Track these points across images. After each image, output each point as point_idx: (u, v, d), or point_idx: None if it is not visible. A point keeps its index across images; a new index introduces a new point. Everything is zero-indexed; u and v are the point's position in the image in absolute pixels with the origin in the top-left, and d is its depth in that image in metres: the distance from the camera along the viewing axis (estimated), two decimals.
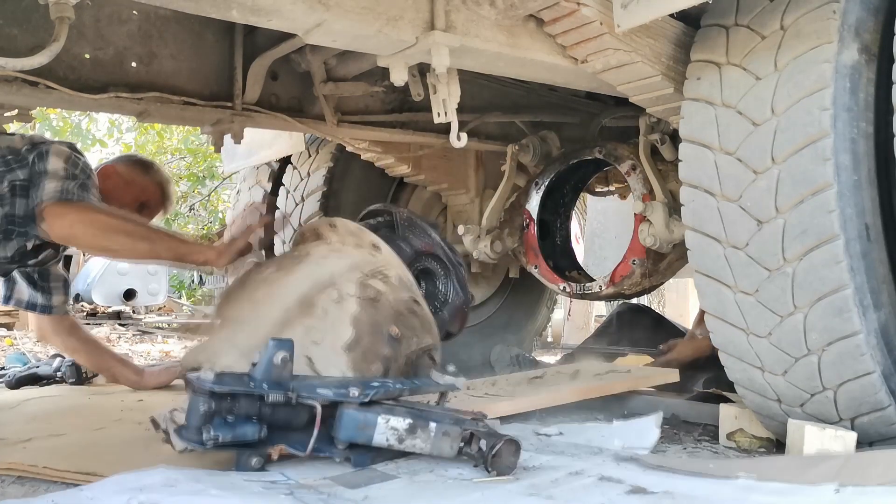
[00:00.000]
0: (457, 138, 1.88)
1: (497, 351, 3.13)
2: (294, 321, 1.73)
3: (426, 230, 2.21)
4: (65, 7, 1.50)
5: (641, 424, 1.96)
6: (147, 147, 10.64)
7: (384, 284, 1.85)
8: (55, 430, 1.87)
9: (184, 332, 6.45)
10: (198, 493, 1.30)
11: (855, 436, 1.63)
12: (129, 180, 2.56)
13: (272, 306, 1.77)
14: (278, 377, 1.52)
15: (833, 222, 1.54)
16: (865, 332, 1.57)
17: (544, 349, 5.13)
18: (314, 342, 1.72)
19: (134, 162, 2.70)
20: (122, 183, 2.53)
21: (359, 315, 1.76)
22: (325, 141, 3.45)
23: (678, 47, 1.91)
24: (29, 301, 2.50)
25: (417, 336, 1.85)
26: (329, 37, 1.71)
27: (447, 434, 1.54)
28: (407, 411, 1.57)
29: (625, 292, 2.82)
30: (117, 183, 2.50)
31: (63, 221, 2.07)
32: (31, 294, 2.50)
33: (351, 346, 1.73)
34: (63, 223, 2.07)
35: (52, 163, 2.15)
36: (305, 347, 1.70)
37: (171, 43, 2.37)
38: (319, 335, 1.72)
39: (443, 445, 1.55)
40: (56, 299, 2.53)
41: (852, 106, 1.59)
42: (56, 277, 2.53)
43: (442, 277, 2.21)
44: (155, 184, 2.65)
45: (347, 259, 1.89)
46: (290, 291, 1.80)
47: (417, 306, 1.89)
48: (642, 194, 2.61)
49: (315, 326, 1.73)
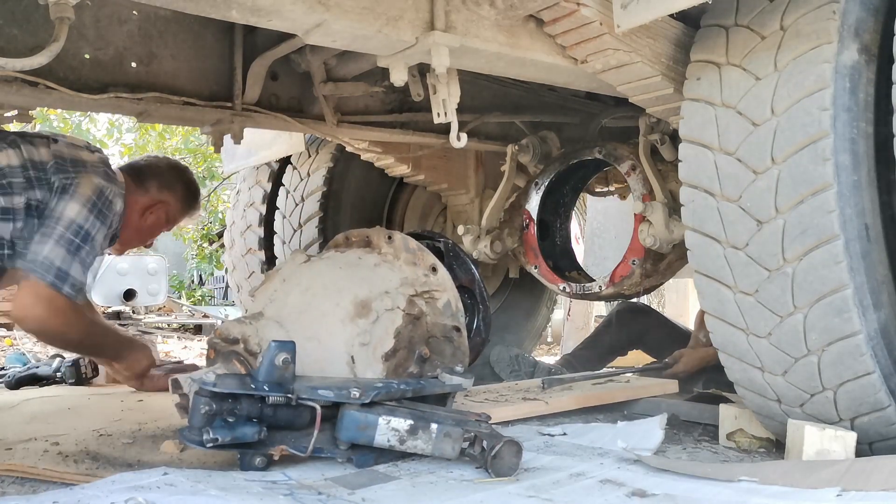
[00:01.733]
0: (457, 138, 1.88)
1: (497, 352, 3.12)
2: (348, 319, 1.80)
3: (469, 266, 2.28)
4: (65, 7, 1.50)
5: (646, 426, 1.96)
6: (147, 148, 10.65)
7: (428, 306, 1.92)
8: (55, 430, 1.87)
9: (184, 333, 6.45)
10: (197, 494, 1.30)
11: (855, 436, 1.63)
12: (152, 193, 2.44)
13: (327, 300, 1.83)
14: (280, 378, 1.52)
15: (833, 222, 1.54)
16: (865, 332, 1.57)
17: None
18: (363, 343, 1.79)
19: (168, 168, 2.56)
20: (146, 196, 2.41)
21: (401, 329, 1.83)
22: (324, 141, 3.45)
23: (678, 47, 1.91)
24: None
25: (446, 362, 1.90)
26: (329, 37, 1.71)
27: (449, 435, 1.55)
28: (409, 412, 1.57)
29: (625, 292, 2.82)
30: (145, 200, 2.40)
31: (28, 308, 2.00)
32: None
33: (388, 355, 1.80)
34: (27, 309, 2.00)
35: (70, 209, 2.05)
36: (352, 347, 1.78)
37: (171, 43, 2.36)
38: (368, 338, 1.79)
39: (444, 446, 1.55)
40: None
41: (852, 106, 1.59)
42: None
43: (471, 313, 2.27)
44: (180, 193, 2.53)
45: (399, 273, 1.95)
46: (347, 290, 1.84)
47: (457, 334, 1.94)
48: (642, 194, 2.61)
49: (367, 329, 1.80)
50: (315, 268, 1.95)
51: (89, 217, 2.08)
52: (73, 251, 2.04)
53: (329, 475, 1.54)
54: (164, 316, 7.90)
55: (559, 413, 2.27)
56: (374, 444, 1.55)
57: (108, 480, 1.37)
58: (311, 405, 1.53)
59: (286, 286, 1.90)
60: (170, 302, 8.48)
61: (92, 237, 2.08)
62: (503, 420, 2.12)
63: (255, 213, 3.79)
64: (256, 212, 3.79)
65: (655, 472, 1.56)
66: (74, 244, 2.04)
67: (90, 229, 2.08)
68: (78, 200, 2.07)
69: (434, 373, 1.85)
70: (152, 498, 1.25)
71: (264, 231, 3.76)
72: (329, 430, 1.57)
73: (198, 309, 8.76)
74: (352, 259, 1.99)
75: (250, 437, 1.49)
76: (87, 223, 2.08)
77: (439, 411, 1.65)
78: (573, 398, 2.33)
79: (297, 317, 1.80)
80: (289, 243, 3.62)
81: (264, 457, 1.55)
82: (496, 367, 3.09)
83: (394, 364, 1.81)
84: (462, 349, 1.94)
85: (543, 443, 1.89)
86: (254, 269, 3.79)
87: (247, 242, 3.83)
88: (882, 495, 1.30)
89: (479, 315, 2.27)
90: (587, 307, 6.25)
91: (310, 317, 1.80)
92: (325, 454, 1.58)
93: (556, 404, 2.26)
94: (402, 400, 1.65)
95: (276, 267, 2.63)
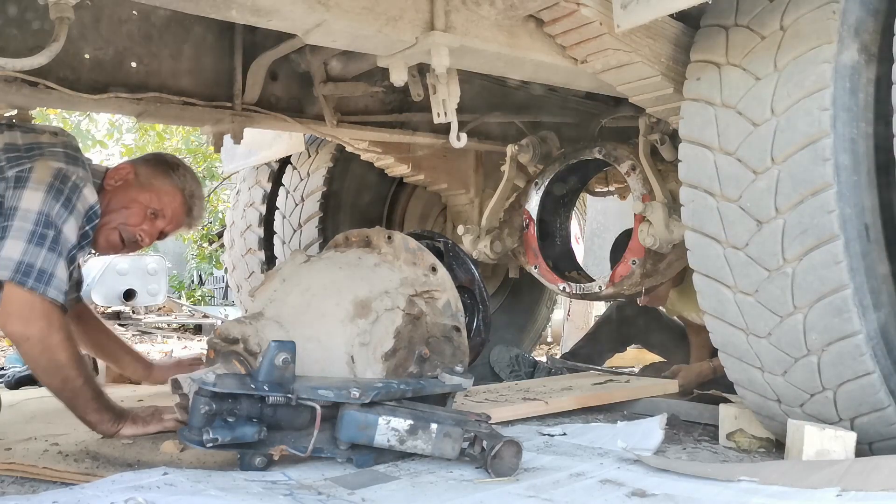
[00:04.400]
0: (457, 138, 1.88)
1: (497, 352, 3.13)
2: (348, 319, 1.79)
3: (469, 266, 2.26)
4: (65, 7, 1.51)
5: (646, 426, 1.96)
6: (147, 148, 10.64)
7: (428, 306, 1.91)
8: (55, 430, 1.86)
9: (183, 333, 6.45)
10: (197, 493, 1.30)
11: (855, 436, 1.63)
12: (144, 184, 2.07)
13: (327, 300, 1.82)
14: (280, 378, 1.52)
15: (833, 222, 1.54)
16: (865, 332, 1.57)
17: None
18: (362, 343, 1.78)
19: (158, 162, 2.17)
20: (133, 186, 2.05)
21: (401, 329, 1.83)
22: (324, 141, 3.45)
23: (678, 47, 1.90)
24: None
25: (446, 362, 1.89)
26: (329, 37, 1.71)
27: (448, 435, 1.55)
28: (409, 412, 1.57)
29: (624, 292, 2.82)
30: (126, 186, 2.04)
31: (22, 323, 1.68)
32: None
33: (388, 355, 1.80)
34: (20, 325, 1.68)
35: (26, 198, 1.73)
36: (352, 347, 1.77)
37: (171, 43, 2.36)
38: (368, 338, 1.79)
39: (444, 446, 1.55)
40: (72, 293, 2.18)
41: (852, 106, 1.59)
42: None
43: (471, 314, 2.25)
44: (175, 190, 2.11)
45: (399, 273, 1.94)
46: (347, 290, 1.84)
47: (456, 334, 1.93)
48: (642, 194, 2.61)
49: (367, 329, 1.79)
50: (315, 268, 1.95)
51: (51, 203, 1.74)
52: (38, 242, 1.71)
53: (329, 475, 1.53)
54: (163, 316, 7.89)
55: (559, 413, 2.27)
56: (374, 443, 1.55)
57: (108, 480, 1.37)
58: (311, 405, 1.53)
59: (286, 286, 1.90)
60: (170, 302, 8.47)
61: (57, 227, 1.74)
62: (503, 420, 2.12)
63: (255, 213, 3.80)
64: (256, 212, 3.79)
65: (655, 472, 1.56)
66: (37, 234, 1.71)
67: (55, 218, 1.74)
68: (34, 188, 1.75)
69: (434, 373, 1.85)
70: (152, 498, 1.25)
71: (264, 231, 3.77)
72: (329, 430, 1.57)
73: (198, 309, 8.75)
74: (352, 259, 1.99)
75: (250, 438, 1.49)
76: (50, 209, 1.74)
77: (439, 411, 1.65)
78: (573, 398, 2.34)
79: (296, 317, 1.80)
80: (289, 243, 3.62)
81: (264, 457, 1.55)
82: (496, 367, 3.10)
83: (393, 364, 1.81)
84: (462, 349, 1.93)
85: (543, 443, 1.89)
86: (254, 269, 3.80)
87: (247, 242, 3.83)
88: (882, 495, 1.30)
89: (479, 315, 2.27)
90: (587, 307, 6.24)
91: (309, 317, 1.80)
92: (325, 454, 1.58)
93: (556, 404, 2.26)
94: (402, 400, 1.65)
95: (275, 267, 2.61)
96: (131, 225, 2.03)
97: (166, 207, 2.09)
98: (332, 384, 1.58)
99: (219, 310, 8.44)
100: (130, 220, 2.03)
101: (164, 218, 2.09)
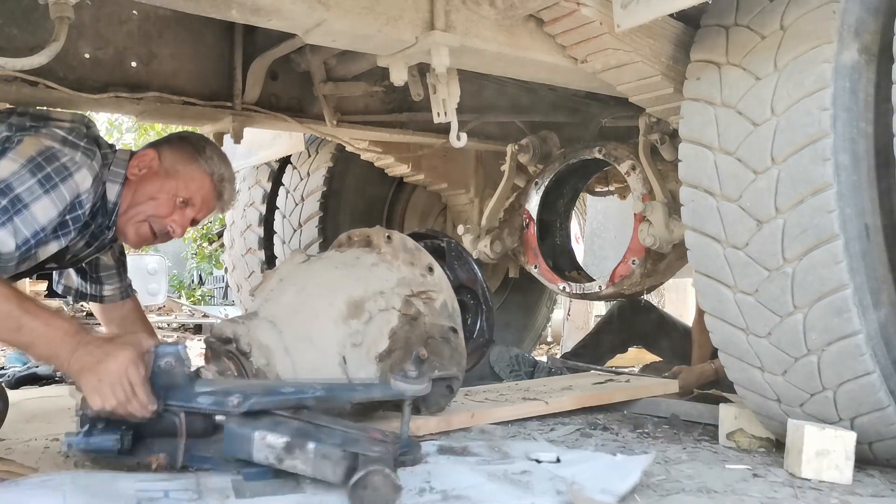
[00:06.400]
0: (457, 138, 1.88)
1: (496, 351, 3.13)
2: (340, 320, 1.78)
3: (472, 265, 2.22)
4: (65, 7, 1.51)
5: (630, 464, 1.60)
6: None
7: (426, 307, 1.89)
8: (55, 430, 1.86)
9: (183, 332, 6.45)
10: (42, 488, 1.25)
11: (855, 436, 1.63)
12: (170, 171, 1.96)
13: (321, 299, 1.81)
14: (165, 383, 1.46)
15: (833, 222, 1.54)
16: (865, 332, 1.57)
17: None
18: (355, 344, 1.77)
19: (183, 145, 2.03)
20: (159, 175, 1.95)
21: (397, 329, 1.81)
22: (324, 141, 3.45)
23: (678, 47, 1.90)
24: (78, 289, 2.26)
25: (443, 363, 1.86)
26: (329, 37, 1.71)
27: (327, 457, 1.33)
28: (290, 428, 1.40)
29: (624, 292, 2.82)
30: (151, 174, 1.94)
31: None
32: (80, 283, 2.26)
33: (382, 356, 1.78)
34: None
35: (3, 165, 1.62)
36: (344, 347, 1.76)
37: (171, 43, 2.36)
38: (360, 338, 1.77)
39: (324, 469, 1.34)
40: (107, 289, 2.25)
41: (852, 106, 1.59)
42: (105, 267, 2.23)
43: (474, 314, 2.22)
44: (203, 175, 2.00)
45: (397, 273, 1.93)
46: (341, 290, 1.83)
47: (454, 335, 1.91)
48: (642, 194, 2.62)
49: (359, 330, 1.78)
50: (312, 267, 1.94)
51: (23, 176, 1.61)
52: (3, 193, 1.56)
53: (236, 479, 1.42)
54: (164, 316, 7.89)
55: (559, 413, 2.27)
56: (253, 460, 1.38)
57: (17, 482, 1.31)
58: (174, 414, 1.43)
59: (282, 286, 1.89)
60: (170, 302, 8.48)
61: (19, 196, 1.58)
62: (503, 420, 2.12)
63: (255, 212, 3.80)
64: (256, 211, 3.80)
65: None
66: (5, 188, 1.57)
67: (18, 188, 1.59)
68: (11, 158, 1.63)
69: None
70: None
71: (264, 231, 3.77)
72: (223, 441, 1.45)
73: (198, 308, 8.75)
74: (349, 259, 1.97)
75: (110, 447, 1.41)
76: (17, 181, 1.60)
77: (338, 427, 1.45)
78: (573, 398, 2.33)
79: (290, 316, 1.79)
80: (288, 243, 3.62)
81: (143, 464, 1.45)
82: (496, 366, 3.10)
83: (389, 365, 1.78)
84: (459, 350, 1.92)
85: (520, 469, 1.57)
86: (253, 269, 3.80)
87: (247, 242, 3.83)
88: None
89: (482, 316, 2.23)
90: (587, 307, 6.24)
91: (303, 317, 1.79)
92: (208, 466, 1.45)
93: (556, 404, 2.26)
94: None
95: (275, 266, 2.59)
96: (161, 216, 1.94)
97: (195, 195, 1.98)
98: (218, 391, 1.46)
99: (219, 309, 8.44)
100: (160, 212, 1.94)
101: (193, 206, 1.99)
